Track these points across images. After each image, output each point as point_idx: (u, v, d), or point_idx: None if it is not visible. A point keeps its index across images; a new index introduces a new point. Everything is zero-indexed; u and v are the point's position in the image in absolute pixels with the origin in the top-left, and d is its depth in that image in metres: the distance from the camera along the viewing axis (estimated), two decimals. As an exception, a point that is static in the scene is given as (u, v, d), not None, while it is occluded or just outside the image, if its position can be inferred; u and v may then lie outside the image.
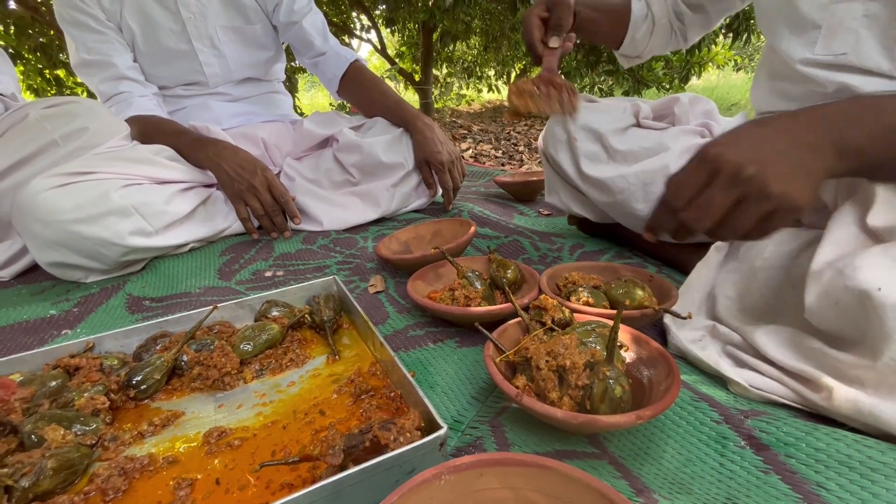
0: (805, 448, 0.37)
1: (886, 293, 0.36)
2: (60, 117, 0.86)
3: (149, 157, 0.90)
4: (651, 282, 0.62)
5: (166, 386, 0.50)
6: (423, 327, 0.62)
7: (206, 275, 0.83)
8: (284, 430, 0.43)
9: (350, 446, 0.36)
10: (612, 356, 0.39)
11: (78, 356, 0.50)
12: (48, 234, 0.75)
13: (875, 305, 0.36)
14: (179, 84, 1.15)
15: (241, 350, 0.52)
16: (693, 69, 4.45)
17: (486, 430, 0.43)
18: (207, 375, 0.49)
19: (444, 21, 4.36)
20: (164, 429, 0.44)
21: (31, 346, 0.63)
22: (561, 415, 0.36)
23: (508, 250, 0.90)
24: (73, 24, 1.01)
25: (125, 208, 0.80)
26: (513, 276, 0.63)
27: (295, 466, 0.38)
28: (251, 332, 0.54)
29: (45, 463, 0.36)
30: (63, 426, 0.40)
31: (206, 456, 0.40)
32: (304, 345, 0.57)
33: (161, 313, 0.70)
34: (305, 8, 1.17)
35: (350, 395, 0.47)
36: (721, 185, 0.42)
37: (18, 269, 0.87)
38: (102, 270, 0.82)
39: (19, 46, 3.14)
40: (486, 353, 0.44)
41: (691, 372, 0.50)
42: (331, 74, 1.22)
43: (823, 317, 0.42)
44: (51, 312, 0.72)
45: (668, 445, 0.40)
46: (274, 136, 1.18)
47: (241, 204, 0.96)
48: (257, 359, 0.53)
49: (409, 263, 0.74)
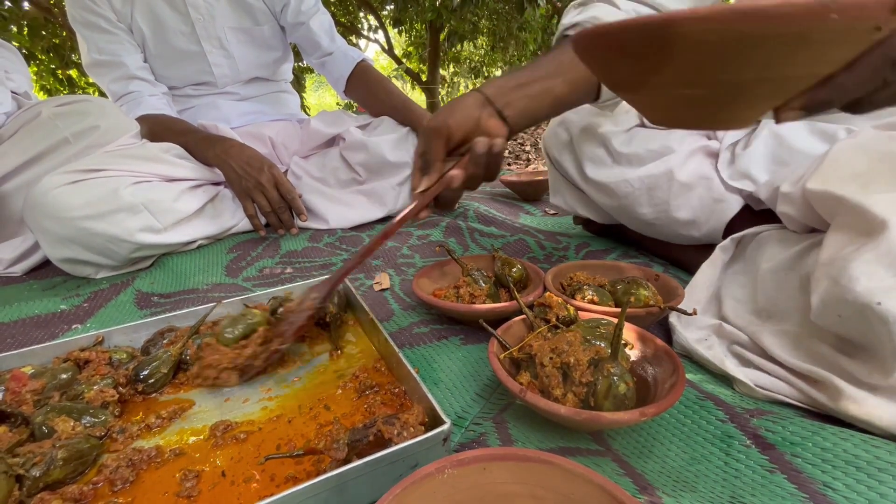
0: (811, 447, 0.36)
1: (887, 308, 0.35)
2: (72, 115, 0.88)
3: (158, 154, 0.91)
4: (657, 280, 0.62)
5: (173, 380, 0.51)
6: (427, 324, 0.62)
7: (214, 271, 0.84)
8: (289, 424, 0.43)
9: (354, 440, 0.36)
10: (617, 353, 0.39)
11: (88, 350, 0.51)
12: (59, 231, 0.76)
13: (878, 320, 0.36)
14: (189, 84, 1.16)
15: (224, 338, 0.50)
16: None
17: (490, 426, 0.43)
18: (206, 375, 0.49)
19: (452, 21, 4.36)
20: (171, 422, 0.44)
21: (42, 339, 0.64)
22: (564, 411, 0.36)
23: (514, 249, 0.90)
24: (84, 24, 1.02)
25: (135, 205, 0.81)
26: (518, 275, 0.63)
27: (300, 459, 0.38)
28: (232, 321, 0.53)
29: (55, 453, 0.36)
30: (73, 418, 0.41)
31: (212, 449, 0.41)
32: (309, 341, 0.58)
33: (169, 309, 0.71)
34: (313, 9, 1.18)
35: (354, 390, 0.47)
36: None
37: (30, 264, 0.89)
38: (112, 266, 0.83)
39: (32, 47, 3.19)
40: (490, 350, 0.44)
41: (697, 371, 0.50)
42: (338, 74, 1.23)
43: (829, 324, 0.41)
44: (61, 307, 0.73)
45: (672, 444, 0.40)
46: (281, 134, 1.19)
47: (249, 201, 0.97)
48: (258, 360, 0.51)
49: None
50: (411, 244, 0.95)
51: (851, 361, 0.39)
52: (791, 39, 0.24)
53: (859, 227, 0.42)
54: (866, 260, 0.38)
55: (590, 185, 0.79)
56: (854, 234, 0.42)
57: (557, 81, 0.59)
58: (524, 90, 0.58)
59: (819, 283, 0.41)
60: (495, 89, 0.57)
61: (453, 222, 1.05)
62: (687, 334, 0.52)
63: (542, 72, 0.59)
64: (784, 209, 0.56)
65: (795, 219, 0.55)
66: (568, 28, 0.62)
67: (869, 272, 0.37)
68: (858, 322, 0.38)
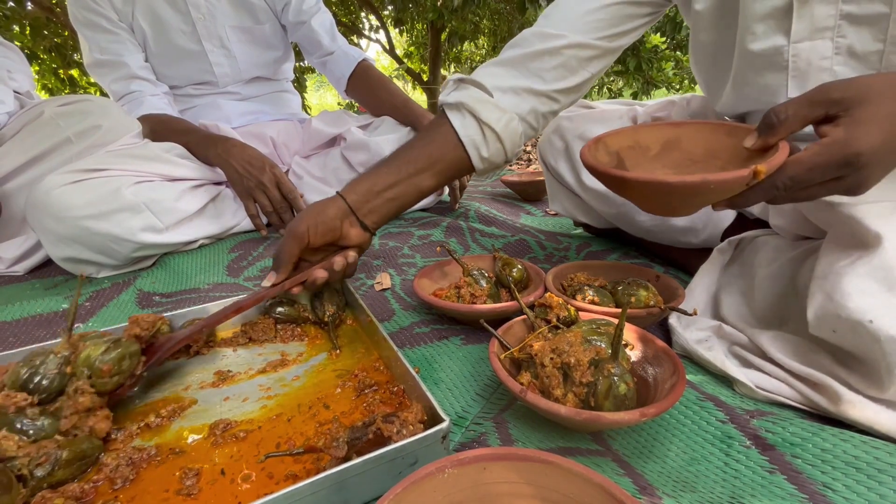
0: (811, 448, 0.36)
1: (879, 325, 0.35)
2: (74, 115, 0.88)
3: (160, 154, 0.91)
4: (657, 281, 0.62)
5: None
6: (428, 324, 0.62)
7: (215, 271, 0.84)
8: (289, 423, 0.43)
9: (354, 438, 0.36)
10: (617, 353, 0.39)
11: None
12: (61, 230, 0.76)
13: (871, 338, 0.36)
14: (190, 83, 1.16)
15: (98, 368, 0.42)
16: (703, 69, 4.40)
17: (491, 426, 0.43)
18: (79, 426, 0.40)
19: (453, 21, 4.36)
20: (170, 420, 0.44)
21: (43, 339, 0.64)
22: (565, 411, 0.36)
23: (515, 249, 0.90)
24: (86, 24, 1.02)
25: (136, 205, 0.81)
26: (518, 276, 0.63)
27: (299, 458, 0.38)
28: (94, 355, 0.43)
29: (59, 454, 0.36)
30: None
31: (211, 447, 0.41)
32: (308, 340, 0.58)
33: (170, 308, 0.71)
34: (314, 8, 1.18)
35: (354, 389, 0.47)
36: (835, 172, 0.38)
37: (32, 263, 0.89)
38: (114, 266, 0.83)
39: (35, 47, 3.19)
40: (490, 350, 0.44)
41: (697, 372, 0.50)
42: (339, 74, 1.23)
43: (825, 336, 0.41)
44: (63, 307, 0.73)
45: (672, 444, 0.40)
46: (283, 134, 1.19)
47: (250, 200, 0.97)
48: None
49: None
50: (412, 244, 0.95)
51: (850, 373, 0.39)
52: (694, 192, 0.40)
53: (853, 239, 0.42)
54: (859, 275, 0.38)
55: (587, 192, 0.79)
56: (848, 246, 0.42)
57: (425, 176, 0.60)
58: (388, 193, 0.59)
59: (814, 297, 0.41)
60: (358, 197, 0.58)
61: (454, 222, 1.05)
62: (687, 335, 0.52)
63: (411, 168, 0.60)
64: (776, 221, 0.56)
65: (789, 230, 0.55)
66: (442, 105, 0.62)
67: (861, 288, 0.37)
68: (853, 338, 0.38)
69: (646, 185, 0.41)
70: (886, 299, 0.37)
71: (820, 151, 0.37)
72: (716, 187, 0.38)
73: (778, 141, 0.40)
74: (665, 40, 3.70)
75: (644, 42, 4.02)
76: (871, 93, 0.37)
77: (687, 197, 0.41)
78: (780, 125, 0.39)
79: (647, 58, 4.10)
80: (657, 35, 3.72)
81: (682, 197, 0.41)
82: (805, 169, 0.38)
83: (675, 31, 3.38)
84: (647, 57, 4.10)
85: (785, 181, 0.39)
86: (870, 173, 0.37)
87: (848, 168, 0.37)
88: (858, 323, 0.36)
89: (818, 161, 0.37)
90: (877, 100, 0.36)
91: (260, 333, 0.58)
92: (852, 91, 0.37)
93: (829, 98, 0.38)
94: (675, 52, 3.94)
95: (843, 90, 0.37)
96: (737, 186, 0.39)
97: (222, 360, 0.54)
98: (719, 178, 0.37)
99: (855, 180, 0.38)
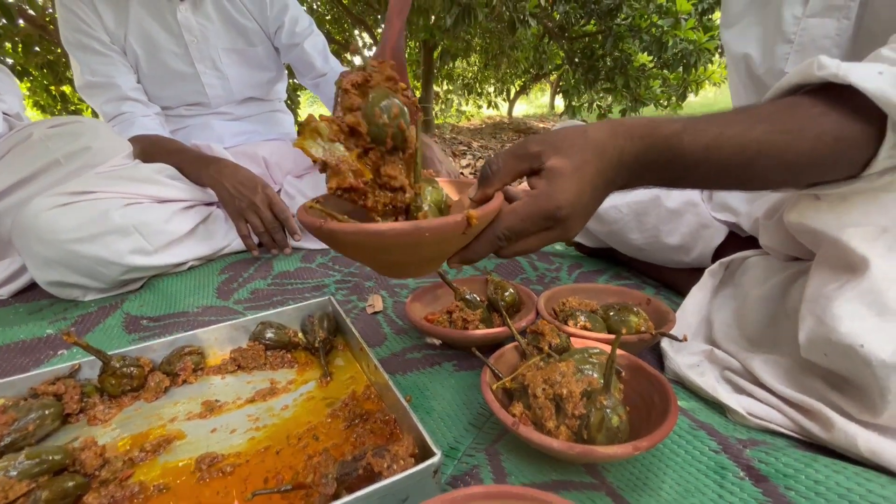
0: (804, 480, 0.36)
1: (869, 350, 0.35)
2: (64, 137, 0.87)
3: (150, 175, 0.91)
4: (649, 305, 0.62)
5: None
6: (420, 350, 0.62)
7: (205, 293, 0.83)
8: (277, 456, 0.42)
9: (343, 474, 0.36)
10: (609, 385, 0.39)
11: (61, 380, 0.49)
12: (48, 253, 0.75)
13: (862, 363, 0.36)
14: (182, 104, 1.16)
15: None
16: (690, 87, 4.51)
17: (483, 458, 0.42)
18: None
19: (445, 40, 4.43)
20: (155, 454, 0.43)
21: (26, 366, 0.62)
22: (557, 445, 0.36)
23: (506, 270, 0.90)
24: (77, 46, 1.02)
25: (125, 227, 0.80)
26: (510, 299, 0.63)
27: (287, 494, 0.38)
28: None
29: (40, 494, 0.35)
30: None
31: (197, 483, 0.40)
32: (298, 367, 0.57)
33: (158, 333, 0.70)
34: (307, 30, 1.20)
35: (344, 419, 0.47)
36: (543, 223, 0.40)
37: (16, 287, 0.87)
38: (101, 289, 0.82)
39: (27, 63, 3.18)
40: (483, 380, 0.44)
41: (689, 398, 0.50)
42: (331, 95, 1.24)
43: (817, 360, 0.41)
44: (48, 332, 0.71)
45: (666, 476, 0.40)
46: (275, 154, 1.19)
47: (242, 221, 0.96)
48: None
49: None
50: (404, 265, 0.95)
51: (842, 398, 0.39)
52: (413, 242, 0.36)
53: (841, 263, 0.42)
54: (848, 299, 0.38)
55: None
56: (837, 268, 0.42)
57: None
58: None
59: (804, 320, 0.42)
60: None
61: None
62: (679, 360, 0.52)
63: None
64: (766, 241, 0.57)
65: (779, 251, 0.55)
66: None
67: (851, 311, 0.38)
68: (844, 361, 0.38)
69: (355, 235, 0.35)
70: (876, 323, 0.37)
71: (528, 202, 0.39)
72: (431, 236, 0.35)
73: (494, 191, 0.41)
74: (652, 59, 3.79)
75: (632, 61, 4.11)
76: (565, 145, 0.39)
77: (407, 248, 0.37)
78: (494, 176, 0.41)
79: (634, 76, 4.19)
80: (644, 54, 3.81)
81: (402, 249, 0.37)
82: (519, 219, 0.39)
83: (662, 51, 3.46)
84: (635, 75, 4.19)
85: (504, 231, 0.40)
86: (573, 223, 0.40)
87: (552, 220, 0.39)
88: (850, 347, 0.37)
89: (529, 211, 0.39)
90: (569, 152, 0.39)
91: (249, 360, 0.57)
92: (547, 144, 0.39)
93: (529, 152, 0.40)
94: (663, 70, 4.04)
95: (539, 143, 0.40)
96: (454, 235, 0.37)
97: (210, 389, 0.53)
98: (432, 224, 0.35)
99: (562, 230, 0.40)
